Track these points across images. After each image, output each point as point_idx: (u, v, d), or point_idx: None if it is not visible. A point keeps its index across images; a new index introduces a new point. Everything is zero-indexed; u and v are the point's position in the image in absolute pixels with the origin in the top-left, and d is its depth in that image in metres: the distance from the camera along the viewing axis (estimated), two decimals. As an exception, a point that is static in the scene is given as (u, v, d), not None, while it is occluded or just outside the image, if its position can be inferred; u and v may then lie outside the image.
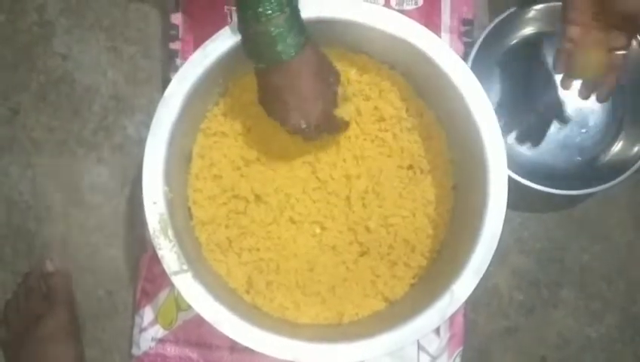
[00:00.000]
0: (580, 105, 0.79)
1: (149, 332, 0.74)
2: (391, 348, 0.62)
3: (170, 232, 0.60)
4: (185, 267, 0.60)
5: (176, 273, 0.59)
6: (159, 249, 0.59)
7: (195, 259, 0.65)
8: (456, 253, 0.66)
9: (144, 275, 0.74)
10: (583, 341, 0.78)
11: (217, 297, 0.61)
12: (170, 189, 0.62)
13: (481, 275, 0.62)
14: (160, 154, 0.60)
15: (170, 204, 0.62)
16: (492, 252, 0.62)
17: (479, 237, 0.63)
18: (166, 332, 0.74)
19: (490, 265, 0.78)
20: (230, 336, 0.59)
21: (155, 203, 0.60)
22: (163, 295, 0.74)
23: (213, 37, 0.62)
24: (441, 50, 0.64)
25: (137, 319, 0.74)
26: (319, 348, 0.62)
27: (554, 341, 0.78)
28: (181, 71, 0.61)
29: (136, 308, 0.75)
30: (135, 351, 0.74)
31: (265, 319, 0.68)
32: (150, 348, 0.74)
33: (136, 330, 0.74)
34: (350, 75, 0.70)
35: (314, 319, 0.69)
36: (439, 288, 0.63)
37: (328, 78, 0.60)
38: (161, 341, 0.74)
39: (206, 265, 0.69)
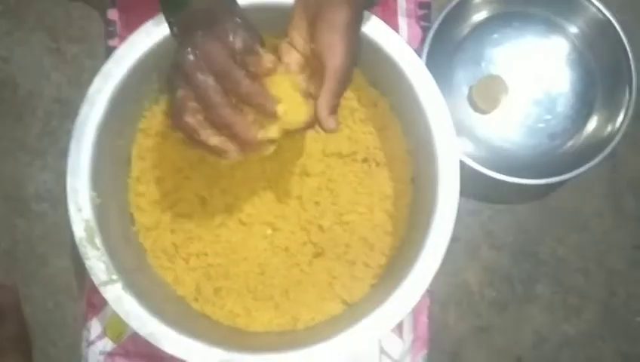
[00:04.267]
0: (549, 88, 0.74)
1: (97, 345, 0.70)
2: (347, 351, 0.58)
3: (97, 240, 0.56)
4: (114, 277, 0.56)
5: (104, 283, 0.56)
6: (86, 258, 0.56)
7: (135, 268, 0.62)
8: (410, 250, 0.62)
9: (90, 286, 0.70)
10: (561, 338, 0.74)
11: (154, 310, 0.57)
12: (100, 194, 0.58)
13: (439, 261, 0.58)
14: (85, 157, 0.57)
15: (100, 210, 0.58)
16: (448, 235, 0.59)
17: (430, 229, 0.59)
18: (115, 345, 0.70)
19: (459, 261, 0.74)
20: (163, 349, 0.55)
21: (80, 210, 0.56)
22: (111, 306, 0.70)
23: (139, 29, 0.58)
24: (389, 38, 0.60)
25: (85, 332, 0.71)
26: (267, 359, 0.58)
27: (530, 339, 0.74)
28: (105, 67, 0.58)
29: (83, 321, 0.71)
30: None
31: (214, 328, 0.64)
32: None
33: (84, 344, 0.71)
34: None
35: (267, 326, 0.65)
36: (398, 283, 0.60)
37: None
38: (110, 354, 0.70)
39: (151, 272, 0.65)
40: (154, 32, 0.58)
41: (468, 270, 0.74)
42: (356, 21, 0.52)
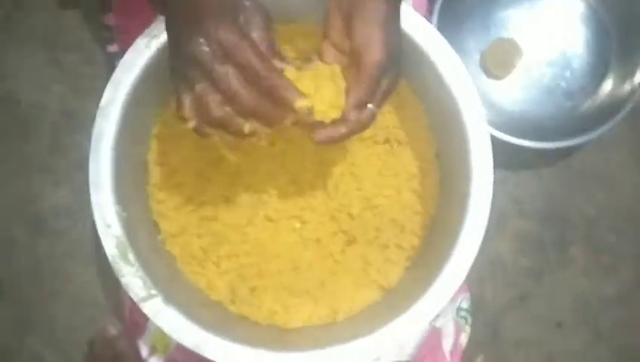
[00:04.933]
0: (563, 48, 0.73)
1: None
2: (394, 341, 0.57)
3: (130, 256, 0.55)
4: (153, 291, 0.54)
5: (144, 299, 0.54)
6: (122, 276, 0.54)
7: (168, 277, 0.61)
8: (448, 226, 0.61)
9: (129, 304, 0.69)
10: (600, 299, 0.74)
11: (195, 318, 0.56)
12: (125, 207, 0.56)
13: (479, 242, 0.57)
14: (105, 172, 0.55)
15: (128, 224, 0.56)
16: (486, 216, 0.57)
17: (468, 202, 0.57)
18: (164, 357, 0.69)
19: (488, 233, 0.73)
20: (212, 359, 0.54)
21: (108, 226, 0.54)
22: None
23: (143, 33, 0.56)
24: (404, 12, 0.58)
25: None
26: (314, 356, 0.57)
27: (569, 304, 0.73)
28: (115, 75, 0.56)
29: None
30: None
31: (253, 330, 0.63)
32: None
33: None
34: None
35: (306, 321, 0.64)
36: (436, 267, 0.58)
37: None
38: None
39: (184, 279, 0.64)
40: (160, 35, 0.56)
41: (499, 241, 0.74)
42: (394, 16, 0.50)
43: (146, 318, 0.67)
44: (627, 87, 0.70)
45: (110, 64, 0.71)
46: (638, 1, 0.69)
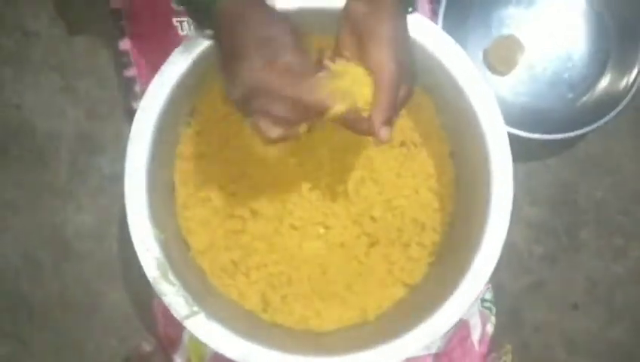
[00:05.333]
0: (563, 43, 0.75)
1: None
2: (431, 338, 0.59)
3: (171, 276, 0.56)
4: (195, 309, 0.56)
5: (187, 317, 0.56)
6: (164, 296, 0.56)
7: (203, 292, 0.62)
8: (469, 222, 0.63)
9: (162, 321, 0.71)
10: (612, 279, 0.76)
11: (236, 330, 0.58)
12: (161, 229, 0.58)
13: (503, 239, 0.59)
14: (142, 199, 0.56)
15: (165, 245, 0.58)
16: (508, 213, 0.59)
17: (491, 199, 0.60)
18: None
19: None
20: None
21: (148, 249, 0.56)
22: (187, 334, 0.71)
23: (168, 60, 0.57)
24: (411, 18, 0.60)
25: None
26: (351, 359, 0.59)
27: (583, 285, 0.76)
28: (142, 105, 0.57)
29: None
30: None
31: (288, 336, 0.65)
32: None
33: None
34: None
35: (338, 322, 0.66)
36: (461, 264, 0.61)
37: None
38: None
39: (216, 292, 0.66)
40: (182, 60, 0.57)
41: (513, 229, 0.75)
42: (402, 31, 0.51)
43: (179, 333, 0.69)
44: (627, 78, 0.72)
45: (127, 88, 0.72)
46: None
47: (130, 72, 0.71)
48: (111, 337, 0.75)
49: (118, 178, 0.73)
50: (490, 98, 0.60)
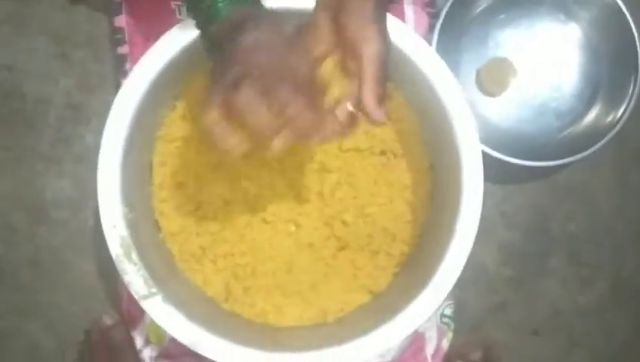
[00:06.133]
0: (556, 71, 0.76)
1: (144, 353, 0.72)
2: (381, 348, 0.60)
3: (134, 255, 0.57)
4: (154, 290, 0.57)
5: (145, 297, 0.57)
6: (125, 274, 0.57)
7: (166, 274, 0.63)
8: (437, 236, 0.64)
9: (126, 297, 0.72)
10: (575, 309, 0.77)
11: (192, 316, 0.58)
12: (131, 208, 0.59)
13: (466, 254, 0.60)
14: (115, 176, 0.57)
15: (133, 224, 0.59)
16: (474, 229, 0.60)
17: (459, 215, 0.60)
18: (159, 348, 0.72)
19: (475, 243, 0.76)
20: (209, 357, 0.57)
21: (114, 226, 0.57)
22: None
23: (158, 43, 0.58)
24: (400, 30, 0.61)
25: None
26: (304, 358, 0.60)
27: (545, 312, 0.77)
28: (126, 84, 0.57)
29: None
30: None
31: (245, 328, 0.65)
32: None
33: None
34: None
35: (297, 320, 0.67)
36: (425, 275, 0.61)
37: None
38: (157, 358, 0.72)
39: (182, 276, 0.67)
40: (173, 43, 0.58)
41: (484, 250, 0.77)
42: (383, 6, 0.50)
43: (141, 311, 0.70)
44: (613, 112, 0.73)
45: (119, 65, 0.72)
46: (629, 31, 0.71)
47: (124, 50, 0.71)
48: (76, 306, 0.76)
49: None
50: (469, 118, 0.61)
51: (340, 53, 0.51)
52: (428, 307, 0.60)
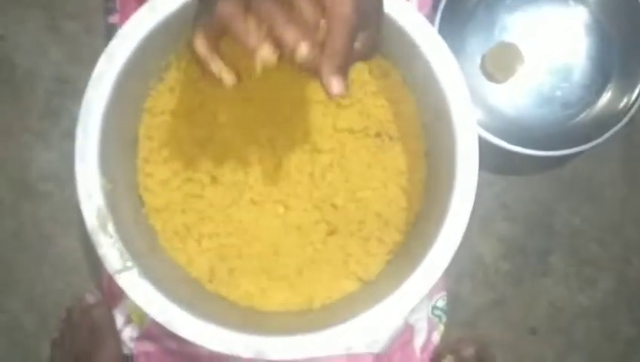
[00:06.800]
0: (565, 57, 0.73)
1: (125, 333, 0.71)
2: (367, 333, 0.57)
3: (110, 227, 0.55)
4: (129, 264, 0.55)
5: (119, 271, 0.54)
6: (99, 246, 0.54)
7: (147, 250, 0.61)
8: (429, 223, 0.61)
9: (107, 275, 0.70)
10: (576, 309, 0.74)
11: (169, 294, 0.56)
12: (111, 179, 0.57)
13: (457, 242, 0.57)
14: (92, 143, 0.55)
15: (111, 195, 0.57)
16: (466, 218, 0.57)
17: (451, 202, 0.58)
18: (141, 329, 0.70)
19: (473, 234, 0.74)
20: (182, 336, 0.55)
21: (90, 197, 0.55)
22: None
23: (143, 6, 0.55)
24: (401, 7, 0.58)
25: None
26: (285, 341, 0.57)
27: (544, 311, 0.74)
28: (109, 47, 0.55)
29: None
30: None
31: (230, 310, 0.63)
32: (131, 349, 0.71)
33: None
34: None
35: (283, 305, 0.65)
36: (414, 263, 0.59)
37: None
38: (138, 339, 0.71)
39: (164, 254, 0.64)
40: (159, 9, 0.56)
41: (482, 242, 0.74)
42: None
43: (121, 290, 0.68)
44: (624, 101, 0.70)
45: (109, 34, 0.70)
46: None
47: (115, 18, 0.69)
48: (59, 281, 0.74)
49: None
50: (467, 103, 0.58)
51: None
52: (417, 292, 0.57)
